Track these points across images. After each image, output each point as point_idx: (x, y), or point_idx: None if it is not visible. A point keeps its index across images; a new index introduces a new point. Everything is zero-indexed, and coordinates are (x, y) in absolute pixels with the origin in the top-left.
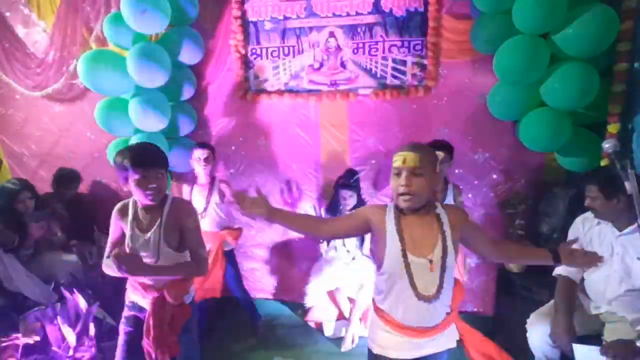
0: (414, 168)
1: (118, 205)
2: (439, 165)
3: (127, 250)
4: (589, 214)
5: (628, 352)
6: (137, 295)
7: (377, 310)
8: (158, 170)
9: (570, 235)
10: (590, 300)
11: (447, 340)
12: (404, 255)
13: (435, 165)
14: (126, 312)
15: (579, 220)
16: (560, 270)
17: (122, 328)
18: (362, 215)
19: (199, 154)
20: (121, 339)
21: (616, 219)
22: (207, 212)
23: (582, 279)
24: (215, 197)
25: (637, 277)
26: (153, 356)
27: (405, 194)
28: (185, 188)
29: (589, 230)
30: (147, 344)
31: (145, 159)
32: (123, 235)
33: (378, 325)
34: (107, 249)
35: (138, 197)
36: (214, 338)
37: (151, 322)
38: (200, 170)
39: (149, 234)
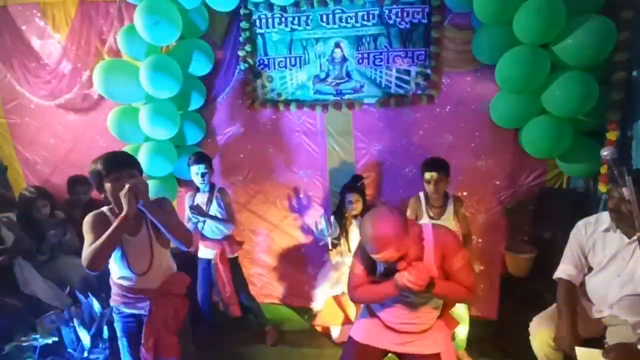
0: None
1: (91, 217)
2: (433, 185)
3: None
4: (591, 218)
5: (630, 355)
6: (131, 307)
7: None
8: (130, 171)
9: (572, 239)
10: (592, 304)
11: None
12: None
13: None
14: (122, 326)
15: (581, 224)
16: (560, 273)
17: (124, 341)
18: None
19: (196, 170)
20: (127, 350)
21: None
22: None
23: (583, 283)
24: (214, 205)
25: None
26: None
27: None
28: (187, 197)
29: (591, 234)
30: (145, 352)
31: (117, 160)
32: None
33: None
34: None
35: (114, 201)
36: (221, 340)
37: (152, 323)
38: (199, 184)
39: (138, 235)
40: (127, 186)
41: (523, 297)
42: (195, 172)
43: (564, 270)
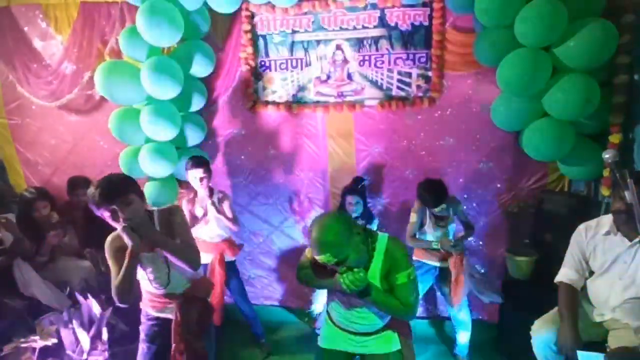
0: None
1: (110, 244)
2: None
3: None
4: (592, 222)
5: (632, 359)
6: (156, 310)
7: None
8: (124, 198)
9: (572, 243)
10: (593, 307)
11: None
12: None
13: None
14: (146, 328)
15: (581, 228)
16: (561, 277)
17: (144, 346)
18: None
19: (195, 174)
20: (144, 355)
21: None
22: (207, 222)
23: (585, 286)
24: (212, 209)
25: None
26: None
27: None
28: (185, 201)
29: (592, 238)
30: (176, 351)
31: (108, 192)
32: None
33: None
34: (114, 277)
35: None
36: (220, 344)
37: (179, 327)
38: (198, 188)
39: (154, 251)
40: (121, 224)
41: (524, 300)
42: (194, 177)
43: (565, 274)
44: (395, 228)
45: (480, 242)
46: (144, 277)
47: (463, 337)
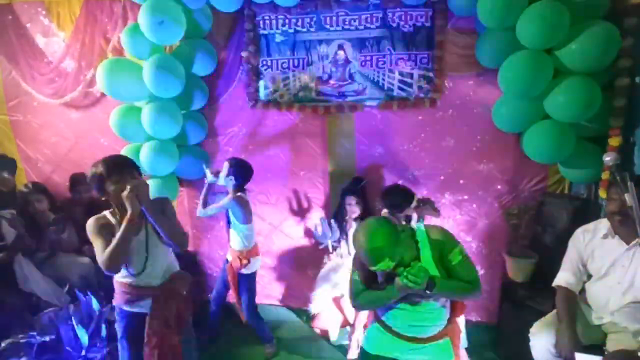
0: None
1: (94, 221)
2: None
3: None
4: (589, 226)
5: None
6: (130, 304)
7: None
8: (131, 172)
9: (570, 246)
10: (592, 311)
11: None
12: None
13: None
14: (122, 326)
15: (579, 231)
16: (559, 281)
17: (121, 344)
18: None
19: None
20: (122, 353)
21: (632, 230)
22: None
23: (584, 289)
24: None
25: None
26: None
27: None
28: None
29: (590, 242)
30: (148, 352)
31: (118, 163)
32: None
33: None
34: (101, 249)
35: (117, 204)
36: (221, 342)
37: (153, 323)
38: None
39: (138, 235)
40: (128, 187)
41: (523, 302)
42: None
43: (562, 278)
44: None
45: (480, 244)
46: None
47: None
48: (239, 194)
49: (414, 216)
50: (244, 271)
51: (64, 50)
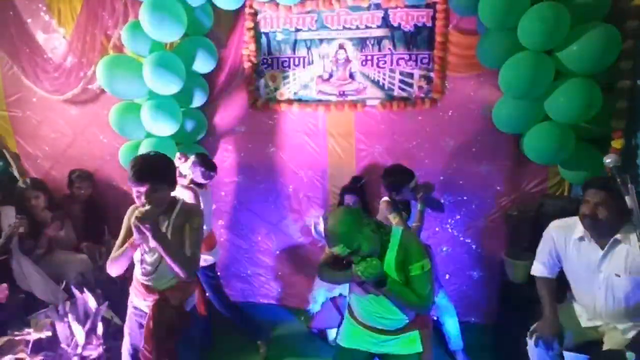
0: None
1: (131, 208)
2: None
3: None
4: (564, 222)
5: None
6: (139, 299)
7: None
8: (152, 184)
9: (544, 239)
10: (584, 310)
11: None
12: None
13: None
14: (130, 318)
15: (553, 227)
16: (534, 271)
17: (127, 337)
18: None
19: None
20: (126, 348)
21: (605, 233)
22: None
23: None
24: None
25: (621, 291)
26: None
27: None
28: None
29: (564, 242)
30: (145, 350)
31: (140, 174)
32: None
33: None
34: (116, 247)
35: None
36: (218, 339)
37: (151, 326)
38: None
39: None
40: (134, 216)
41: (522, 303)
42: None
43: (537, 269)
44: None
45: (479, 245)
46: (138, 260)
47: (451, 326)
48: (191, 185)
49: (417, 204)
50: (206, 262)
51: (67, 47)
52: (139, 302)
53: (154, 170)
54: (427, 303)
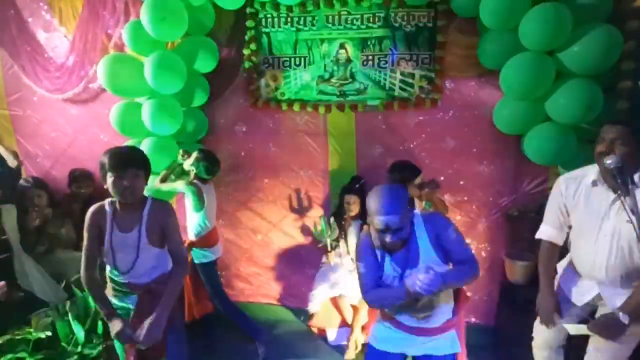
0: None
1: (92, 209)
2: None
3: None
4: (575, 173)
5: (613, 324)
6: (117, 298)
7: None
8: (135, 170)
9: (552, 196)
10: (576, 287)
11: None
12: None
13: None
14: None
15: (562, 180)
16: (540, 234)
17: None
18: None
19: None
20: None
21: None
22: None
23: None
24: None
25: (626, 241)
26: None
27: None
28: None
29: (575, 192)
30: (128, 347)
31: (121, 158)
32: (100, 236)
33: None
34: (84, 258)
35: (114, 195)
36: (218, 339)
37: (136, 319)
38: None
39: (130, 233)
40: (114, 333)
41: (522, 304)
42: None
43: (544, 231)
44: None
45: (480, 246)
46: (109, 261)
47: None
48: (194, 180)
49: (419, 202)
50: (199, 260)
51: (66, 45)
52: (119, 302)
53: (135, 156)
54: (475, 261)
